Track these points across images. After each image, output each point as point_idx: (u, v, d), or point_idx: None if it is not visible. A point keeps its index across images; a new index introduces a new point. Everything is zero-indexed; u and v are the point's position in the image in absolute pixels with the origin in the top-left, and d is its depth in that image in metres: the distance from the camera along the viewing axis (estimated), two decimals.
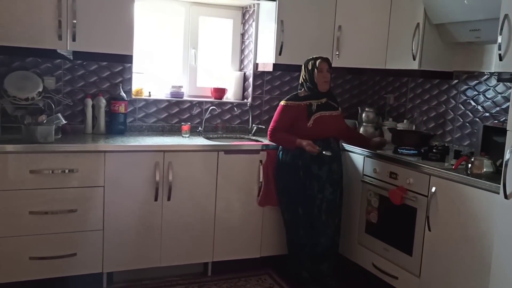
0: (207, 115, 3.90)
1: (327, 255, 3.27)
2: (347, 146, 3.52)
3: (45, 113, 3.12)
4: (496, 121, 3.16)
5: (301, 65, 3.30)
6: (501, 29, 2.50)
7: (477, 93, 3.33)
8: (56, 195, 2.93)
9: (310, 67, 3.21)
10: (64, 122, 3.18)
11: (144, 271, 3.29)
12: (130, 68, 3.61)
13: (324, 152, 3.10)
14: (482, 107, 3.29)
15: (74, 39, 3.07)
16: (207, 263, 3.45)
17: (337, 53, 3.77)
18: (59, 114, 3.18)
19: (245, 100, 4.11)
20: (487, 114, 3.26)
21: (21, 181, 2.84)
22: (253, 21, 3.98)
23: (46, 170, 2.88)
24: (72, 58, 3.18)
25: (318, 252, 3.23)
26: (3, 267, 2.87)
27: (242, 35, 4.16)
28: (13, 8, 2.93)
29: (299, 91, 3.29)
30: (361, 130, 3.87)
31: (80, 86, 3.51)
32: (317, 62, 3.19)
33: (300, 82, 3.30)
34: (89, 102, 3.47)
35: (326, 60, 3.22)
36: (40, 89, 3.14)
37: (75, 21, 3.05)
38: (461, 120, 3.45)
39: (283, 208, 3.36)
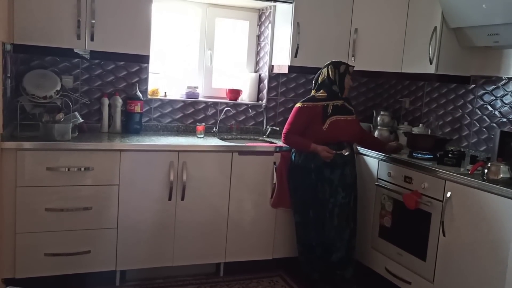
0: (221, 116, 3.91)
1: (348, 260, 3.25)
2: (362, 150, 3.50)
3: (62, 111, 3.15)
4: None
5: (316, 68, 3.31)
6: None
7: (494, 98, 3.30)
8: (71, 193, 2.97)
9: (342, 70, 3.20)
10: (81, 120, 3.22)
11: (157, 270, 3.31)
12: (147, 68, 3.65)
13: (341, 152, 3.10)
14: (500, 112, 3.26)
15: (92, 39, 3.11)
16: (219, 264, 3.46)
17: (353, 56, 3.76)
18: (76, 113, 3.22)
19: (260, 101, 4.11)
20: (504, 120, 3.22)
21: (38, 178, 2.88)
22: (269, 23, 3.98)
23: (62, 167, 2.92)
24: (89, 58, 3.22)
25: (335, 258, 3.22)
26: (18, 263, 2.91)
27: (258, 36, 4.17)
28: (33, 8, 2.98)
29: (317, 92, 3.23)
30: (376, 133, 3.86)
31: (97, 85, 3.55)
32: (350, 67, 3.23)
33: (319, 82, 3.24)
34: (106, 101, 3.50)
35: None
36: (58, 88, 3.18)
37: (93, 21, 3.09)
38: (478, 125, 3.42)
39: (294, 209, 3.36)
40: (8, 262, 2.89)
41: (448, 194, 2.77)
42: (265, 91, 4.06)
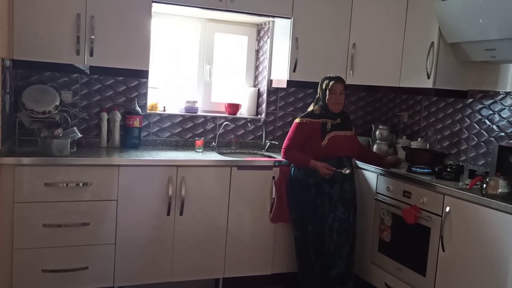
0: (220, 130, 3.91)
1: (347, 276, 3.23)
2: (361, 164, 3.50)
3: (61, 126, 3.16)
4: (511, 141, 3.13)
5: (315, 82, 3.32)
6: None
7: (492, 112, 3.31)
8: (69, 208, 2.96)
9: (324, 87, 3.20)
10: (80, 135, 3.22)
11: (155, 286, 3.28)
12: (146, 83, 3.66)
13: (342, 171, 3.08)
14: (497, 126, 3.27)
15: (91, 54, 3.12)
16: (218, 279, 3.44)
17: (351, 70, 3.78)
18: (75, 128, 3.23)
19: (259, 116, 4.12)
20: (503, 134, 3.23)
21: (36, 193, 2.88)
22: (268, 38, 4.01)
23: (60, 183, 2.91)
24: (89, 73, 3.23)
25: (335, 273, 3.19)
26: (16, 279, 2.89)
27: (257, 51, 4.19)
28: (32, 24, 2.99)
29: (314, 108, 3.24)
30: (375, 147, 3.86)
31: (96, 100, 3.56)
32: (331, 83, 3.15)
33: (316, 97, 3.28)
34: (105, 116, 3.51)
35: (341, 82, 3.17)
36: (57, 103, 3.19)
37: (93, 37, 3.11)
38: (476, 139, 3.42)
39: (293, 224, 3.34)
40: (5, 279, 2.87)
41: (447, 209, 2.77)
42: (264, 106, 4.07)
